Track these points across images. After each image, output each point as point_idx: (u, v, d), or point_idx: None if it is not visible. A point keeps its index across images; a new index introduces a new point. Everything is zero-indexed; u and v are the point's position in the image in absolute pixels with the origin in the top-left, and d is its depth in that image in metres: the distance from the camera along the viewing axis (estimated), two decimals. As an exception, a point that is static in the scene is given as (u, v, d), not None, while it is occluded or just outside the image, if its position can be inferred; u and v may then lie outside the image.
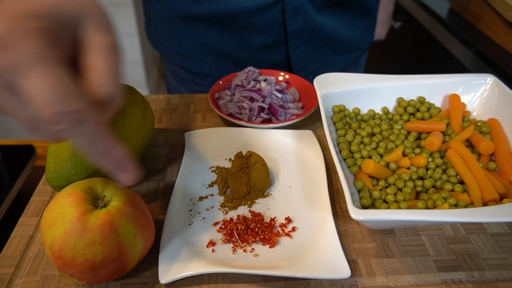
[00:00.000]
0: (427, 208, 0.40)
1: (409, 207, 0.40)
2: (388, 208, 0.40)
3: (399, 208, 0.40)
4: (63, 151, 0.42)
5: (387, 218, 0.33)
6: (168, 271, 0.37)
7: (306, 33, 0.71)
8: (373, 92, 0.53)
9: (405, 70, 1.23)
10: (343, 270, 0.37)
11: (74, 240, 0.32)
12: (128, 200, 0.36)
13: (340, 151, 0.46)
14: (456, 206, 0.39)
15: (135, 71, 1.85)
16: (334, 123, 0.50)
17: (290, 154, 0.53)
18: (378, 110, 0.53)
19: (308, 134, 0.55)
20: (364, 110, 0.53)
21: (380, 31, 1.00)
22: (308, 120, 0.60)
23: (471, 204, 0.40)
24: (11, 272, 0.39)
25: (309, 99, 0.61)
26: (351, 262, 0.40)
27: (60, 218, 0.33)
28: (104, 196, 0.36)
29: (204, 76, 0.78)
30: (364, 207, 0.40)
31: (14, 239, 0.42)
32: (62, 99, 0.24)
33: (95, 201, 0.35)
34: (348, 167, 0.45)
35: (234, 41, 0.71)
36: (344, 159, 0.46)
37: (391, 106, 0.54)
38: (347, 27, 0.75)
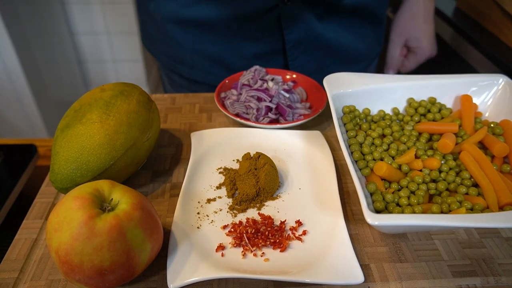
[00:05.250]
0: (442, 212, 0.39)
1: (423, 211, 0.39)
2: (402, 212, 0.39)
3: (414, 212, 0.39)
4: (68, 152, 0.41)
5: (404, 223, 0.32)
6: (177, 276, 0.36)
7: (306, 42, 0.68)
8: (383, 93, 0.52)
9: (410, 71, 1.22)
10: (356, 275, 0.36)
11: (81, 244, 0.31)
12: (136, 203, 0.35)
13: (351, 152, 0.45)
14: (472, 210, 0.39)
15: (135, 70, 1.83)
16: (344, 124, 0.49)
17: (299, 155, 0.52)
18: (388, 110, 0.52)
19: (316, 134, 0.54)
20: (374, 111, 0.52)
21: (431, 47, 0.82)
22: (316, 120, 0.59)
23: (487, 208, 0.39)
24: (15, 276, 0.38)
25: (316, 99, 0.60)
26: (363, 267, 0.39)
27: (67, 222, 0.32)
28: (112, 199, 0.35)
29: (199, 84, 0.76)
30: (377, 210, 0.39)
31: (17, 242, 0.41)
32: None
33: (102, 204, 0.34)
34: (360, 169, 0.44)
35: (228, 48, 0.69)
36: (356, 161, 0.45)
37: (401, 106, 0.53)
38: (353, 36, 0.72)
